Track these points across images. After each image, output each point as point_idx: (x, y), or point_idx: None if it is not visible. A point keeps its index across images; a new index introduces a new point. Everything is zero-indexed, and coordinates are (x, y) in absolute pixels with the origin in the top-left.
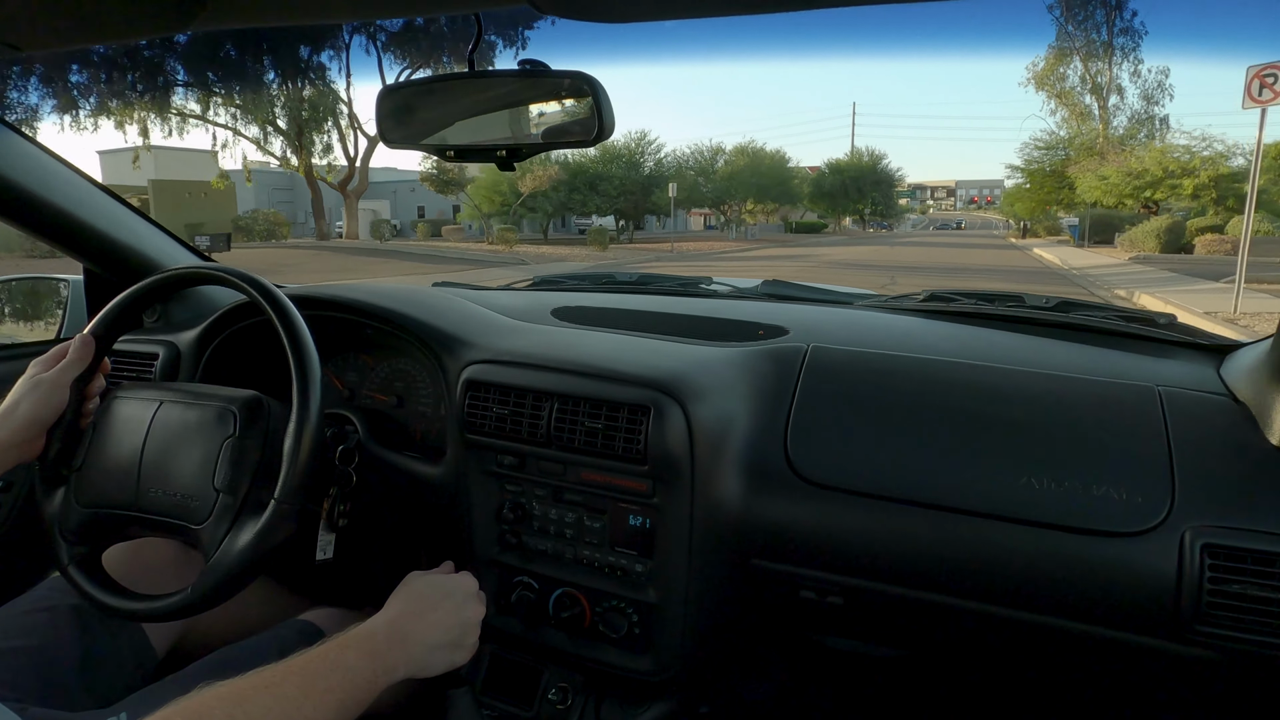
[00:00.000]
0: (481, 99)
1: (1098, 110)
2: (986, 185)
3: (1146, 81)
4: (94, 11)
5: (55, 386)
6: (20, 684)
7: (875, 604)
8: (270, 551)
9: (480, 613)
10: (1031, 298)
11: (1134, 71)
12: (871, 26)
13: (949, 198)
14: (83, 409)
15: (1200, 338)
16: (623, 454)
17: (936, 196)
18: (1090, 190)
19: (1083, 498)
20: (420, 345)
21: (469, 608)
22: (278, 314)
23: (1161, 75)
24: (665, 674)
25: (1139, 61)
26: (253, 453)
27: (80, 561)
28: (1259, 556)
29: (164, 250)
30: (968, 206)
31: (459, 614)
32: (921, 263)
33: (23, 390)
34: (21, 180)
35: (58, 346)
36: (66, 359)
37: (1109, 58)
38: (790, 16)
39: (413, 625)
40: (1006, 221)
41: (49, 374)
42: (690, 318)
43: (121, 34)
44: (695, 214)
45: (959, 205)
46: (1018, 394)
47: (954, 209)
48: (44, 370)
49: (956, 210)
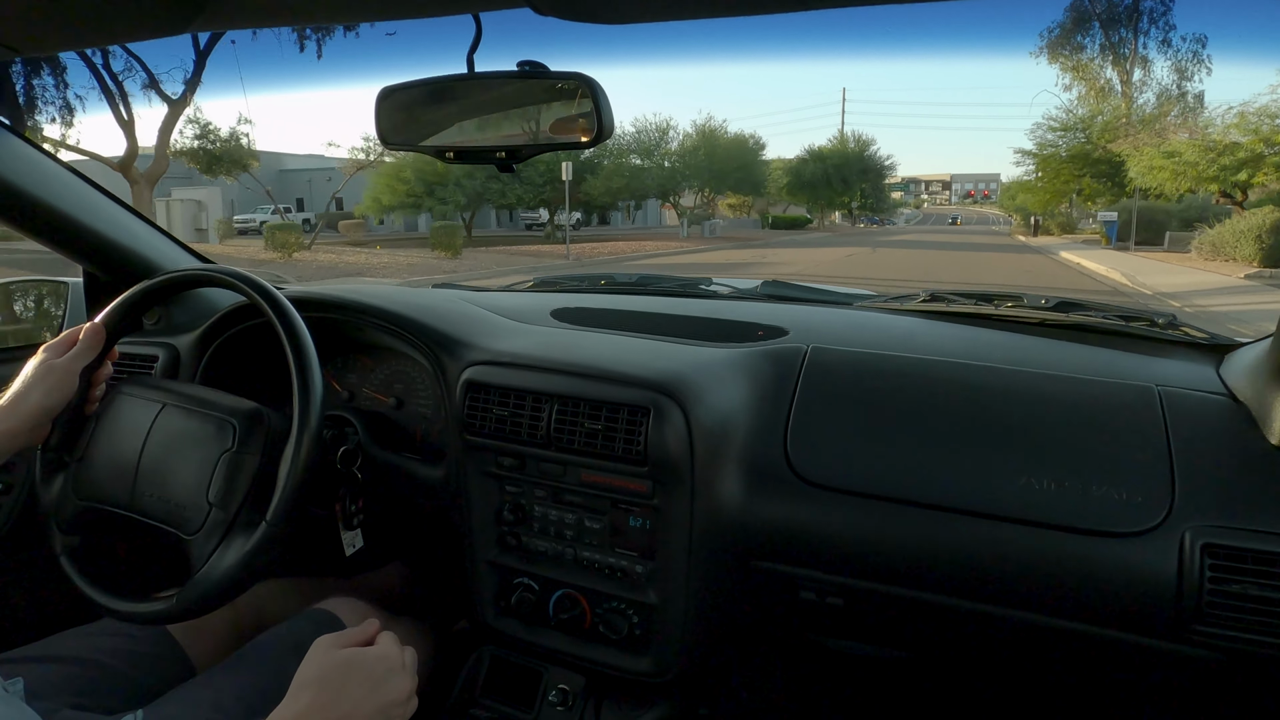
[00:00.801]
0: (480, 100)
1: (1120, 86)
2: (982, 179)
3: (1179, 53)
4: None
5: (67, 374)
6: (65, 691)
7: (875, 605)
8: (257, 570)
9: (406, 689)
10: (1031, 298)
11: (1163, 40)
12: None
13: (944, 190)
14: (89, 395)
15: (1200, 337)
16: (622, 455)
17: (931, 190)
18: (1152, 172)
19: (1082, 498)
20: (420, 347)
21: (393, 685)
22: (278, 316)
23: (1197, 45)
24: (665, 675)
25: (1170, 29)
26: (248, 470)
27: (72, 552)
28: (1259, 556)
29: (163, 252)
30: (964, 201)
31: (379, 698)
32: (919, 276)
33: (34, 377)
34: (20, 183)
35: (68, 332)
36: (77, 347)
37: (1135, 23)
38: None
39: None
40: (1006, 216)
41: (60, 361)
42: (690, 318)
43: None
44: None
45: (954, 199)
46: (1017, 394)
47: (949, 203)
48: (55, 356)
49: (952, 204)
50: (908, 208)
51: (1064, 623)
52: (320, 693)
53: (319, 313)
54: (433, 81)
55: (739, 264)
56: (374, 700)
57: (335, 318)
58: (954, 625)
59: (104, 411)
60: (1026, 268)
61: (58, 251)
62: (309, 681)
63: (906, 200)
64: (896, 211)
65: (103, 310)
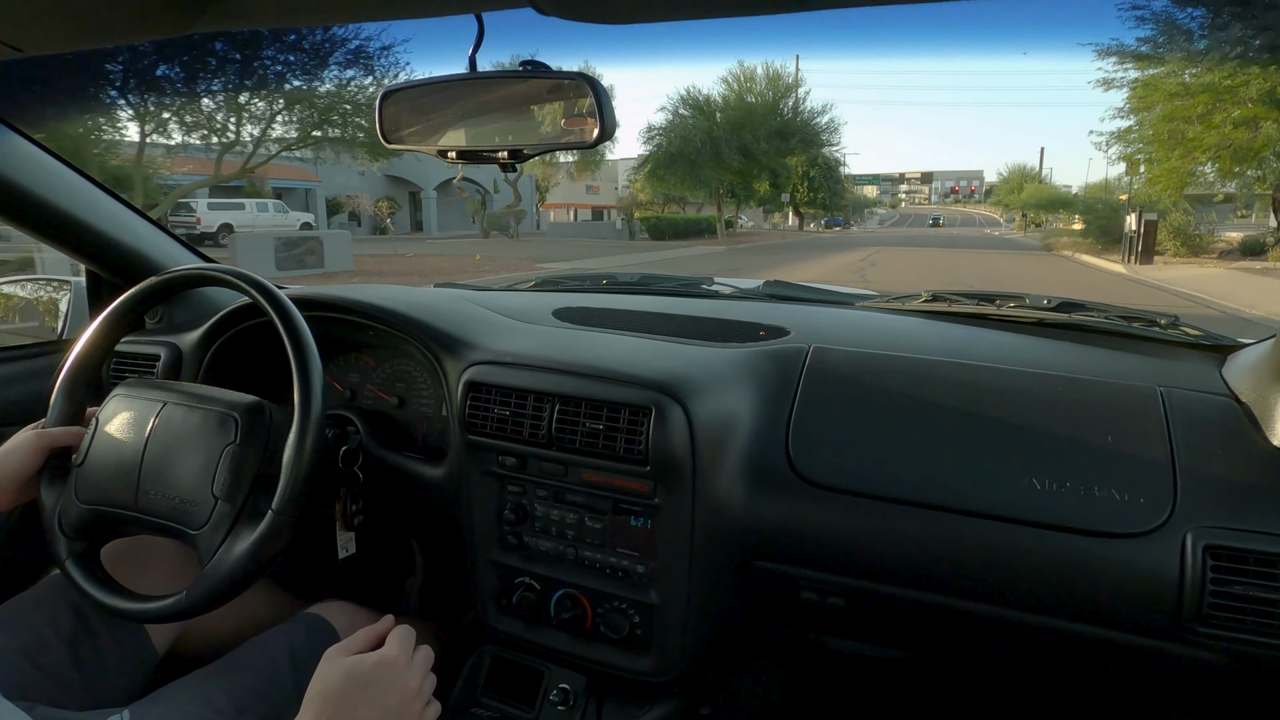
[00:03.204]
0: (483, 100)
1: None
2: (964, 176)
3: None
4: (96, 13)
5: (25, 444)
6: (16, 681)
7: (877, 605)
8: (266, 560)
9: (412, 685)
10: (1033, 298)
11: None
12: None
13: (922, 184)
14: (83, 411)
15: (1202, 338)
16: (624, 455)
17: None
18: None
19: (1084, 499)
20: (421, 346)
21: (396, 687)
22: (280, 316)
23: None
24: (667, 675)
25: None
26: (252, 461)
27: (78, 557)
28: (1261, 558)
29: (166, 251)
30: (945, 199)
31: (383, 701)
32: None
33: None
34: (23, 181)
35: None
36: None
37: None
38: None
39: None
40: (1009, 217)
41: (24, 432)
42: (691, 318)
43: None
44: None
45: (935, 198)
46: (1019, 395)
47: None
48: (24, 435)
49: (933, 204)
50: (882, 206)
51: (1065, 624)
52: (325, 705)
53: (320, 312)
54: (435, 82)
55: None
56: (380, 705)
57: (336, 317)
58: (955, 626)
59: (104, 414)
60: None
61: (60, 250)
62: (314, 696)
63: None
64: (869, 211)
65: (105, 308)
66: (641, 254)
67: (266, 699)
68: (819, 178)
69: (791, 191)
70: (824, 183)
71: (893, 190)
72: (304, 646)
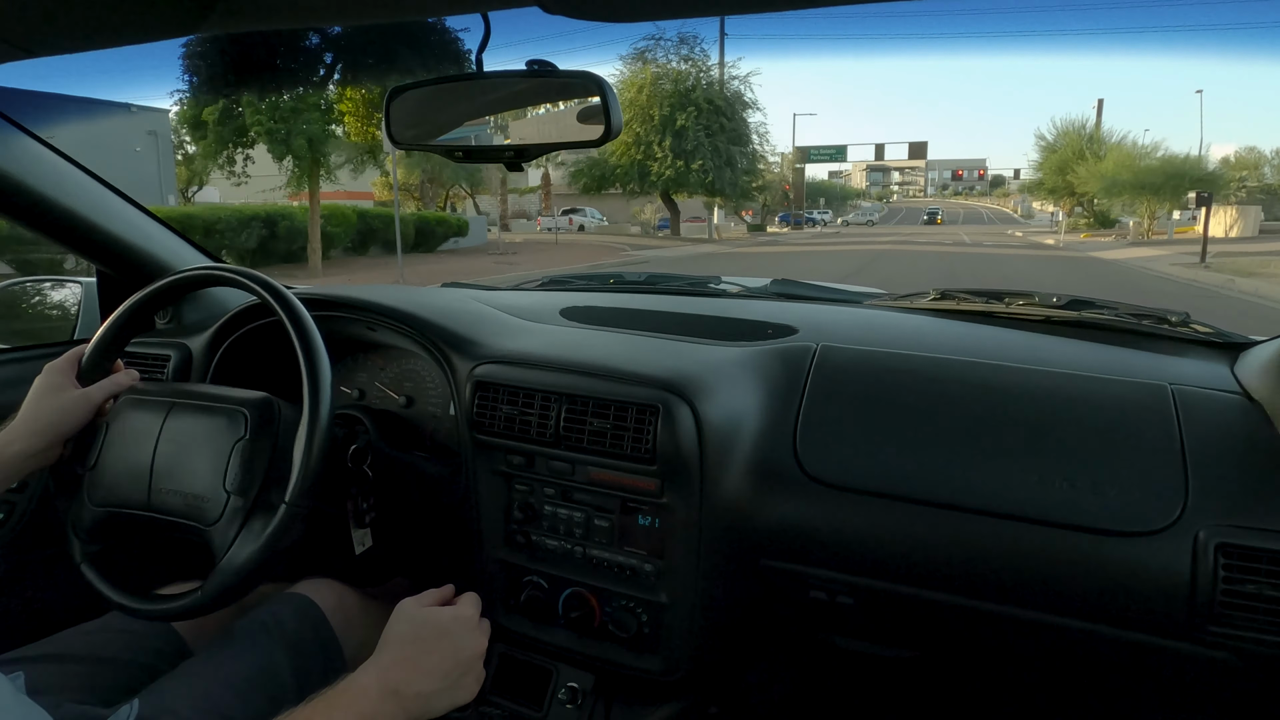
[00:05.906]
0: (490, 99)
1: None
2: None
3: None
4: (103, 14)
5: (85, 399)
6: (67, 688)
7: (886, 604)
8: (281, 553)
9: (482, 645)
10: (1043, 296)
11: None
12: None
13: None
14: (101, 409)
15: (1214, 335)
16: (632, 454)
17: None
18: None
19: (1095, 497)
20: (429, 346)
21: (468, 643)
22: (288, 315)
23: None
24: (675, 674)
25: None
26: (263, 455)
27: (94, 559)
28: (1274, 556)
29: (176, 252)
30: (943, 191)
31: (456, 654)
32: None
33: (47, 399)
34: (34, 183)
35: (73, 351)
36: (107, 382)
37: None
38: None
39: (406, 675)
40: (1054, 213)
41: (79, 393)
42: (699, 317)
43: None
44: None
45: (932, 190)
46: (1029, 393)
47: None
48: (60, 377)
49: (929, 197)
50: (869, 199)
51: (1076, 623)
52: (403, 648)
53: (329, 311)
54: (442, 80)
55: None
56: (453, 658)
57: (345, 317)
58: (965, 625)
59: (114, 418)
60: None
61: (71, 251)
62: (392, 639)
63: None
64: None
65: (115, 310)
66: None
67: (259, 683)
68: (696, 137)
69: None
70: (710, 153)
71: (884, 183)
72: (295, 632)
